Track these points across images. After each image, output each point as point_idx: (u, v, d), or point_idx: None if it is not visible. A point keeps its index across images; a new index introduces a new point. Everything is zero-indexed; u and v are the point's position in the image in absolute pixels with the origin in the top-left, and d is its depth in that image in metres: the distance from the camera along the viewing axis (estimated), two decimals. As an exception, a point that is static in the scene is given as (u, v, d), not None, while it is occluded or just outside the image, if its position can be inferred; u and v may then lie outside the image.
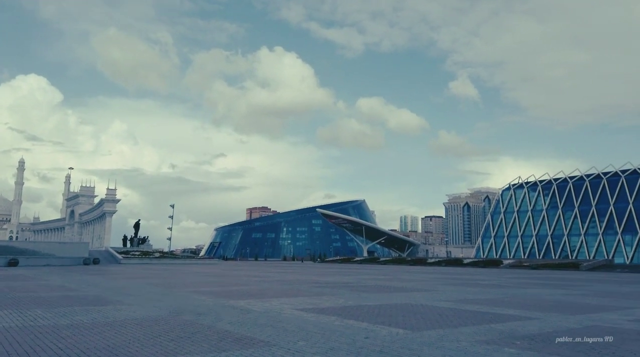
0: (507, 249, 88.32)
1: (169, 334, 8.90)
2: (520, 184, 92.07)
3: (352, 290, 20.84)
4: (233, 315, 11.78)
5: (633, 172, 76.41)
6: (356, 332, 9.36)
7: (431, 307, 14.21)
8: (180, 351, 7.40)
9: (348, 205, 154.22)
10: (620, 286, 26.78)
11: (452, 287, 23.98)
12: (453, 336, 9.22)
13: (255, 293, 18.54)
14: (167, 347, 7.64)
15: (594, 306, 15.44)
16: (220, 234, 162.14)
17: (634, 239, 72.92)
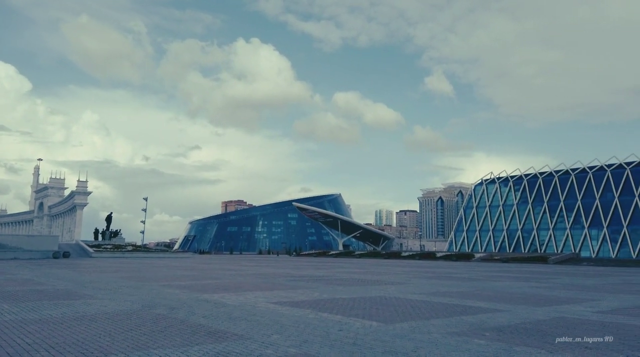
0: (479, 243, 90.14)
1: (140, 328, 8.79)
2: (492, 180, 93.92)
3: (327, 283, 20.96)
4: (207, 309, 11.71)
5: (600, 169, 78.84)
6: (330, 325, 9.43)
7: (404, 300, 14.42)
8: (153, 344, 7.33)
9: (324, 199, 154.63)
10: (585, 279, 27.68)
11: (425, 280, 24.37)
12: (425, 327, 9.39)
13: (230, 287, 18.46)
14: (138, 341, 7.55)
15: (560, 299, 15.93)
16: (194, 227, 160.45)
17: (600, 233, 75.40)
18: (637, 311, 12.83)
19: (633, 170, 74.30)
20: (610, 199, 75.49)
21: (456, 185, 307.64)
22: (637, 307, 13.58)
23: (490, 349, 7.43)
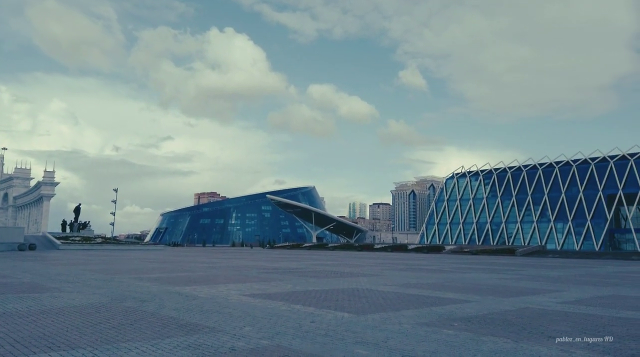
0: (450, 236, 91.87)
1: (109, 322, 8.66)
2: (463, 173, 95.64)
3: (300, 276, 21.03)
4: (178, 301, 11.60)
5: (566, 164, 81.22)
6: (302, 317, 9.49)
7: (376, 292, 14.60)
8: (122, 338, 7.23)
9: (298, 191, 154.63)
10: (550, 271, 28.58)
11: (397, 272, 24.73)
12: (396, 318, 9.55)
13: (202, 279, 18.32)
14: (107, 335, 7.44)
15: (526, 289, 16.42)
16: (166, 219, 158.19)
17: (565, 226, 77.85)
18: (598, 301, 13.35)
19: (597, 166, 76.85)
20: (575, 193, 77.95)
21: (428, 178, 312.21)
22: (598, 298, 14.12)
23: (458, 339, 7.62)
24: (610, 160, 75.75)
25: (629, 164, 73.00)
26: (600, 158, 77.56)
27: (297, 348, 6.71)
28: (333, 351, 6.59)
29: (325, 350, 6.65)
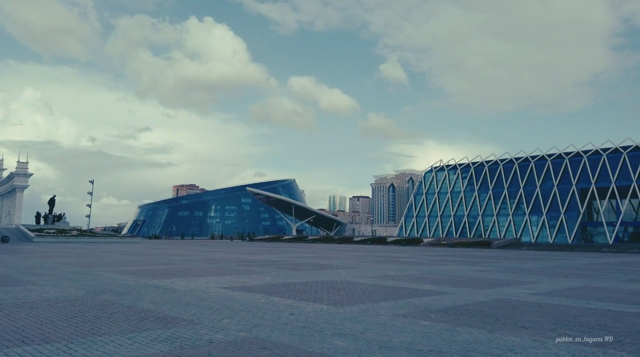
0: (428, 228, 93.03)
1: (85, 315, 8.54)
2: (441, 167, 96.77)
3: (280, 268, 21.05)
4: (156, 294, 11.51)
5: (541, 158, 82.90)
6: (281, 309, 9.52)
7: (354, 284, 14.73)
8: (98, 331, 7.15)
9: (278, 184, 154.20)
10: (525, 263, 29.23)
11: (375, 264, 24.96)
12: (374, 310, 9.66)
13: (180, 272, 18.18)
14: (83, 328, 7.34)
15: (501, 281, 16.77)
16: (144, 211, 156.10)
17: (539, 219, 79.61)
18: (571, 292, 13.73)
19: (571, 161, 78.63)
20: (550, 187, 79.69)
21: (407, 172, 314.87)
22: (570, 289, 14.51)
23: (435, 330, 7.76)
24: (583, 155, 77.59)
25: (602, 159, 74.91)
26: (574, 153, 79.36)
27: (275, 340, 6.74)
28: (311, 343, 6.64)
29: (304, 342, 6.70)
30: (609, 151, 75.09)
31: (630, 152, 72.54)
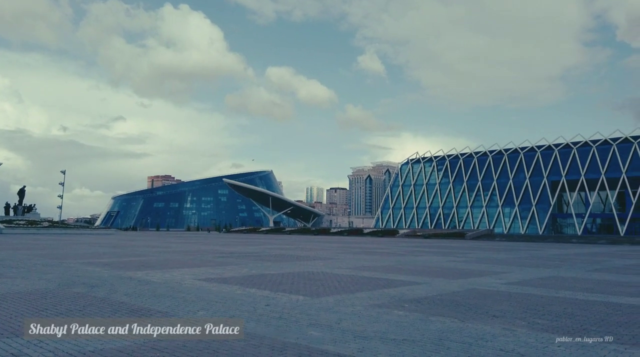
0: (404, 220, 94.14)
1: (57, 308, 8.39)
2: (417, 159, 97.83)
3: (256, 260, 21.03)
4: (130, 286, 11.37)
5: (514, 151, 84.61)
6: (257, 301, 9.54)
7: (331, 275, 14.84)
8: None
9: (255, 175, 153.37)
10: (497, 253, 29.92)
11: (352, 255, 25.17)
12: (349, 301, 9.77)
13: (155, 264, 17.99)
14: (54, 322, 7.21)
15: (474, 271, 17.14)
16: (118, 203, 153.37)
17: (512, 211, 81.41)
18: (540, 282, 14.13)
19: (543, 154, 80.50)
20: (522, 179, 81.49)
21: (384, 164, 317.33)
22: (539, 279, 14.94)
23: (408, 319, 7.91)
24: (554, 148, 79.50)
25: (572, 152, 76.91)
26: (545, 146, 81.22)
27: (251, 331, 6.76)
28: (287, 333, 6.69)
29: (279, 332, 6.74)
30: (579, 145, 77.13)
31: (599, 146, 74.68)
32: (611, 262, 23.24)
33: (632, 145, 71.05)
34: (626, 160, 70.94)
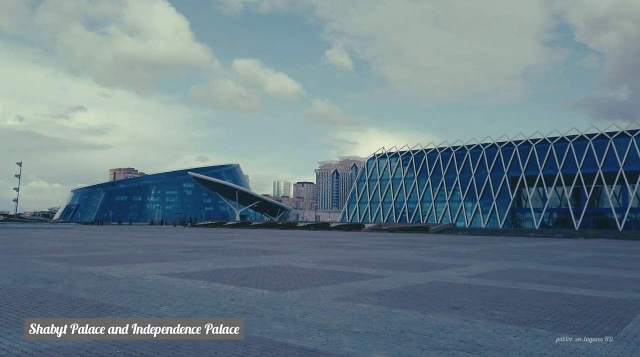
0: (370, 214, 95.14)
1: (11, 304, 8.09)
2: (383, 154, 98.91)
3: (221, 254, 20.85)
4: (90, 282, 11.08)
5: (476, 148, 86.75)
6: (222, 295, 9.47)
7: (296, 269, 14.88)
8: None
9: (221, 169, 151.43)
10: (459, 247, 30.68)
11: (318, 249, 25.29)
12: (314, 294, 9.83)
13: (117, 259, 17.57)
14: (8, 319, 6.96)
15: (436, 264, 17.55)
16: (78, 196, 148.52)
17: (474, 206, 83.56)
18: (499, 274, 14.61)
19: (503, 150, 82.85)
20: (484, 175, 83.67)
21: (351, 158, 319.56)
22: (498, 272, 15.44)
23: (372, 312, 8.04)
24: (515, 145, 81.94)
25: (531, 149, 79.50)
26: (506, 143, 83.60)
27: (215, 326, 6.71)
28: (251, 327, 6.68)
29: (244, 327, 6.72)
30: (537, 142, 79.76)
31: (556, 143, 77.46)
32: (566, 255, 24.24)
33: (587, 143, 74.05)
34: (581, 158, 73.89)
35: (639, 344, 6.24)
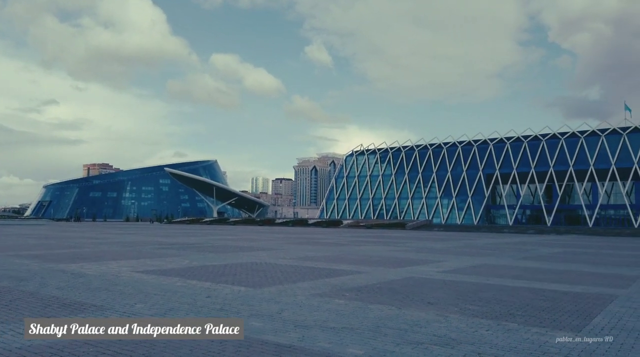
0: (348, 211, 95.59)
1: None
2: (361, 151, 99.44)
3: (199, 251, 20.68)
4: (62, 280, 10.87)
5: (452, 145, 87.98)
6: (198, 292, 9.42)
7: (274, 265, 14.88)
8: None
9: (199, 165, 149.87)
10: (435, 243, 31.13)
11: (296, 246, 25.31)
12: (291, 290, 9.86)
13: (90, 256, 17.25)
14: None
15: (412, 260, 17.77)
16: (50, 192, 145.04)
17: (450, 202, 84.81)
18: (473, 270, 14.89)
19: (479, 148, 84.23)
20: (460, 172, 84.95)
21: (330, 155, 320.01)
22: (472, 267, 15.73)
23: (348, 308, 8.11)
24: (490, 143, 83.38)
25: (505, 146, 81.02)
26: (481, 141, 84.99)
27: (191, 323, 6.67)
28: (228, 324, 6.67)
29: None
30: (512, 140, 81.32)
31: (530, 141, 79.14)
32: (538, 251, 24.84)
33: (559, 141, 75.89)
34: (554, 156, 75.70)
35: (605, 337, 6.46)
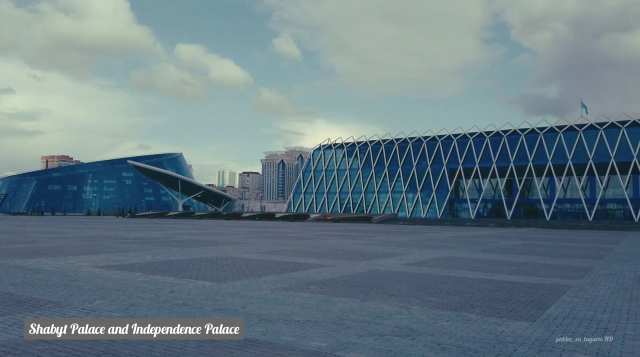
0: (315, 204, 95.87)
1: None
2: (329, 145, 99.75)
3: (162, 245, 20.32)
4: (18, 276, 10.48)
5: (418, 140, 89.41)
6: (161, 288, 9.28)
7: (239, 259, 14.80)
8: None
9: (163, 158, 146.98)
10: (399, 236, 31.63)
11: (262, 239, 25.22)
12: (256, 285, 9.84)
13: (48, 251, 16.69)
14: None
15: (377, 253, 18.02)
16: (6, 184, 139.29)
17: (415, 196, 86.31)
18: (435, 262, 15.24)
19: (443, 143, 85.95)
20: (424, 166, 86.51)
21: (297, 149, 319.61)
22: (435, 260, 16.10)
23: (313, 301, 8.17)
24: (454, 138, 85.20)
25: (469, 142, 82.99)
26: (445, 136, 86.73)
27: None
28: (190, 319, 6.60)
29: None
30: (474, 136, 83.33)
31: (492, 137, 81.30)
32: (498, 244, 25.63)
33: (520, 137, 78.29)
34: (514, 151, 78.09)
35: (558, 326, 6.75)
